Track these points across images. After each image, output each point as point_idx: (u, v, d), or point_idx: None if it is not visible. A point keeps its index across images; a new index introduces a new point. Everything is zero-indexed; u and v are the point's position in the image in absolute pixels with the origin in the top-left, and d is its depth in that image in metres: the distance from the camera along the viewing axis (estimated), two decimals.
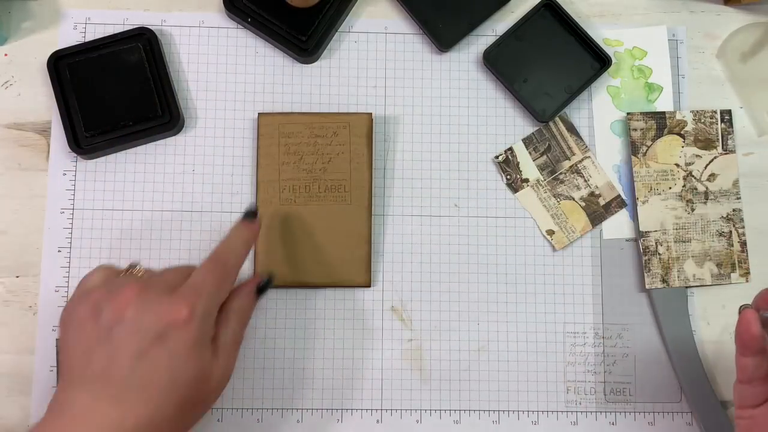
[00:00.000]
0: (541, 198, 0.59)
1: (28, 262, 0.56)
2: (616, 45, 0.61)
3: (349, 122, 0.57)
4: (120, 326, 0.42)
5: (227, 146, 0.58)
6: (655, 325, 0.58)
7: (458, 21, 0.59)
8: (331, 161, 0.57)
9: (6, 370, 0.55)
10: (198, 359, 0.43)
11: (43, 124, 0.58)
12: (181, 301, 0.43)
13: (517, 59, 0.59)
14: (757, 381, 0.43)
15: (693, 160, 0.59)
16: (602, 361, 0.57)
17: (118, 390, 0.41)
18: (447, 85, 0.60)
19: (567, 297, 0.58)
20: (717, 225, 0.58)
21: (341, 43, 0.60)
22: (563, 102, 0.59)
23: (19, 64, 0.58)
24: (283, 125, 0.57)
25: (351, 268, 0.56)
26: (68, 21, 0.59)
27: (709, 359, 0.58)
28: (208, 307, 0.44)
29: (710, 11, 0.62)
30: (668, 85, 0.60)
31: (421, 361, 0.57)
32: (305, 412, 0.56)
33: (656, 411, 0.57)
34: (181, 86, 0.59)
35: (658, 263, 0.58)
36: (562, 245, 0.58)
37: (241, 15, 0.58)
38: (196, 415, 0.45)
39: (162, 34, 0.59)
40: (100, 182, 0.57)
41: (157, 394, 0.41)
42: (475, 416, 0.56)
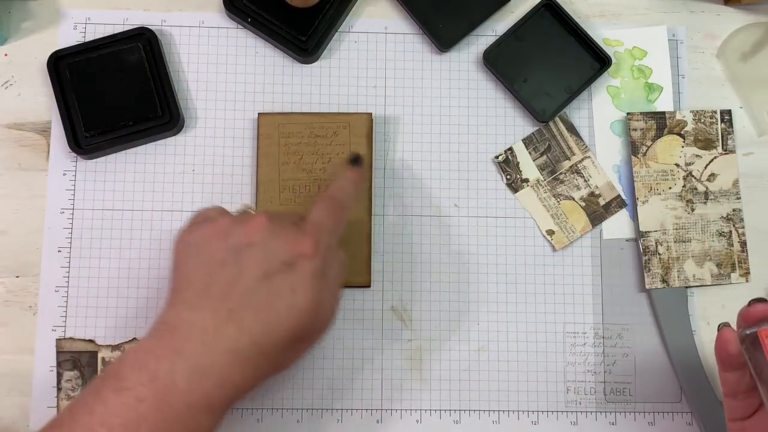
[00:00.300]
0: (541, 198, 0.59)
1: (28, 262, 0.56)
2: (616, 45, 0.61)
3: (349, 122, 0.57)
4: (249, 249, 0.43)
5: (227, 146, 0.58)
6: (655, 325, 0.58)
7: (458, 21, 0.59)
8: (332, 161, 0.57)
9: (6, 370, 0.55)
10: (317, 291, 0.43)
11: (43, 124, 0.58)
12: (307, 234, 0.44)
13: (517, 59, 0.59)
14: (742, 394, 0.43)
15: (693, 160, 0.59)
16: (602, 361, 0.57)
17: (238, 308, 0.42)
18: (447, 85, 0.60)
19: (567, 297, 0.58)
20: (717, 225, 0.58)
21: (341, 43, 0.60)
22: (563, 102, 0.59)
23: (19, 64, 0.58)
24: (283, 125, 0.57)
25: (351, 268, 0.56)
26: (68, 21, 0.59)
27: (709, 359, 0.58)
28: (329, 242, 0.46)
29: (710, 11, 0.62)
30: (668, 85, 0.60)
31: (421, 361, 0.57)
32: (305, 412, 0.56)
33: (656, 411, 0.57)
34: (181, 86, 0.59)
35: (658, 263, 0.58)
36: (562, 245, 0.58)
37: (241, 15, 0.58)
38: (302, 348, 0.45)
39: (162, 34, 0.59)
40: (100, 182, 0.57)
41: (274, 318, 0.42)
42: (475, 416, 0.56)
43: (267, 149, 0.57)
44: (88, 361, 0.55)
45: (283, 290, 0.42)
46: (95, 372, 0.55)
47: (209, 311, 0.42)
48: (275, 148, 0.57)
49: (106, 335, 0.56)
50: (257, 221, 0.44)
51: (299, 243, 0.44)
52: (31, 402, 0.54)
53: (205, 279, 0.43)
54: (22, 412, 0.54)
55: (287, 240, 0.44)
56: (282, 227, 0.44)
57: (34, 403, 0.54)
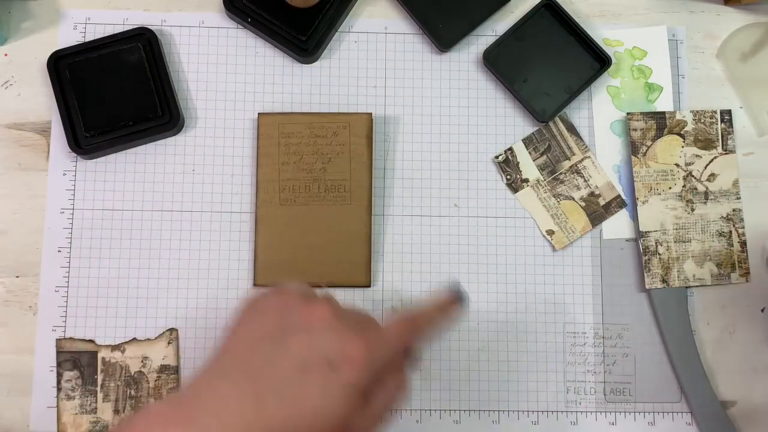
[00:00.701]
0: (541, 198, 0.59)
1: (28, 262, 0.56)
2: (616, 45, 0.61)
3: (349, 122, 0.57)
4: (299, 334, 0.40)
5: (227, 146, 0.58)
6: (655, 325, 0.58)
7: (458, 21, 0.59)
8: (331, 161, 0.57)
9: (6, 370, 0.55)
10: (348, 406, 0.40)
11: (43, 124, 0.58)
12: (364, 341, 0.40)
13: (517, 59, 0.59)
14: None
15: (693, 160, 0.59)
16: (602, 361, 0.57)
17: (265, 392, 0.39)
18: (447, 85, 0.60)
19: (567, 297, 0.58)
20: (717, 225, 0.58)
21: (341, 43, 0.60)
22: (563, 102, 0.59)
23: (19, 64, 0.58)
24: (283, 125, 0.57)
25: (351, 268, 0.56)
26: (68, 21, 0.59)
27: (709, 359, 0.58)
28: (383, 359, 0.42)
29: (710, 11, 0.62)
30: (668, 85, 0.60)
31: (421, 361, 0.57)
32: None
33: (656, 411, 0.57)
34: (181, 86, 0.59)
35: (658, 263, 0.58)
36: (562, 245, 0.58)
37: (241, 15, 0.58)
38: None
39: (162, 34, 0.59)
40: (100, 182, 0.57)
41: (297, 415, 0.39)
42: (475, 416, 0.56)
43: (267, 149, 0.57)
44: (88, 361, 0.55)
45: (315, 390, 0.39)
46: (95, 372, 0.55)
47: (237, 385, 0.39)
48: (275, 147, 0.57)
49: (106, 335, 0.56)
50: (319, 309, 0.41)
51: (353, 346, 0.40)
52: (31, 402, 0.54)
53: (248, 350, 0.40)
54: (22, 412, 0.54)
55: (340, 337, 0.40)
56: (343, 325, 0.41)
57: (34, 403, 0.54)
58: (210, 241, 0.57)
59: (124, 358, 0.55)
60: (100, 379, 0.55)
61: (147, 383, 0.55)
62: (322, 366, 0.39)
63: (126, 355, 0.55)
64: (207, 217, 0.57)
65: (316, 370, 0.39)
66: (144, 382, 0.55)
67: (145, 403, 0.54)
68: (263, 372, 0.39)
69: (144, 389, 0.55)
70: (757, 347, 0.58)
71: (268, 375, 0.39)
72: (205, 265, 0.57)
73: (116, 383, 0.54)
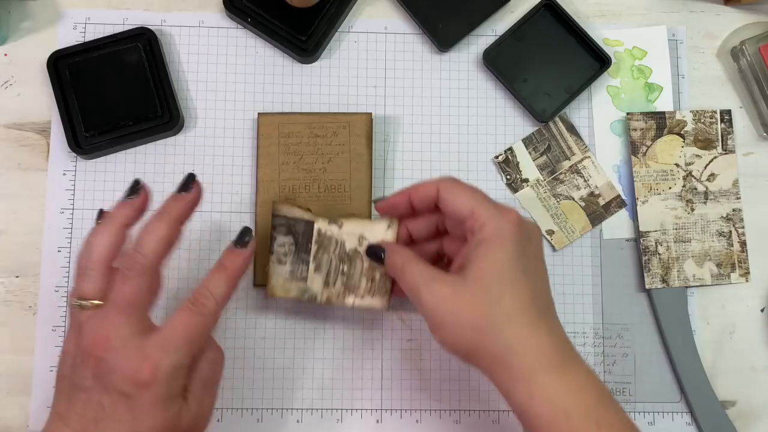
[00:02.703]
0: (541, 198, 0.59)
1: (28, 262, 0.56)
2: (616, 45, 0.61)
3: (348, 122, 0.57)
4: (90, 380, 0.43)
5: (227, 146, 0.58)
6: (655, 325, 0.58)
7: (458, 21, 0.59)
8: (331, 161, 0.57)
9: (6, 370, 0.55)
10: (162, 413, 0.43)
11: (43, 124, 0.58)
12: (149, 360, 0.42)
13: (517, 59, 0.59)
14: None
15: (693, 160, 0.59)
16: (602, 361, 0.57)
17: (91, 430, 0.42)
18: (447, 85, 0.60)
19: (567, 297, 0.58)
20: (717, 225, 0.58)
21: (341, 43, 0.60)
22: (563, 102, 0.59)
23: (19, 64, 0.58)
24: (283, 125, 0.57)
25: None
26: (68, 21, 0.59)
27: (708, 359, 0.58)
28: (176, 363, 0.43)
29: (710, 11, 0.62)
30: (668, 85, 0.60)
31: (420, 361, 0.57)
32: (305, 412, 0.56)
33: (656, 411, 0.57)
34: (181, 86, 0.59)
35: (658, 263, 0.58)
36: (561, 245, 0.58)
37: (241, 15, 0.58)
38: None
39: (162, 34, 0.59)
40: (100, 182, 0.57)
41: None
42: (475, 416, 0.56)
43: (267, 149, 0.57)
44: (304, 229, 0.52)
45: (125, 417, 0.42)
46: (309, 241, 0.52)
47: (70, 429, 0.42)
48: (275, 147, 0.57)
49: None
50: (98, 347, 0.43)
51: (138, 371, 0.42)
52: (30, 402, 0.55)
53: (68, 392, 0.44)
54: (22, 412, 0.54)
55: (124, 368, 0.42)
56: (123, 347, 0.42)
57: (34, 403, 0.54)
58: (210, 241, 0.57)
59: (340, 233, 0.52)
60: (313, 249, 0.52)
61: (362, 263, 0.52)
62: (120, 399, 0.42)
63: (343, 230, 0.52)
64: (207, 217, 0.57)
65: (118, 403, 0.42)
66: (358, 260, 0.52)
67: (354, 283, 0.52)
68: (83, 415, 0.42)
69: (357, 269, 0.52)
70: (757, 347, 0.58)
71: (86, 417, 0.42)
72: (205, 265, 0.57)
73: (329, 256, 0.52)
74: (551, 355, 0.42)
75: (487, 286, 0.43)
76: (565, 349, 0.43)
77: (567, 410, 0.41)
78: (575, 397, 0.41)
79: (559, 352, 0.42)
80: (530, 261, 0.44)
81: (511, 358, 0.42)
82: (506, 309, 0.42)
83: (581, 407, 0.41)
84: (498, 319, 0.42)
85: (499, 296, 0.43)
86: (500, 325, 0.42)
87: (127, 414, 0.42)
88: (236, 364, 0.56)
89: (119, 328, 0.43)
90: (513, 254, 0.43)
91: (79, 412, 0.43)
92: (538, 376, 0.41)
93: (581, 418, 0.41)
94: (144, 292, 0.44)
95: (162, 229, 0.45)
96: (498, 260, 0.43)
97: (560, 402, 0.41)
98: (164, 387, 0.42)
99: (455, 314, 0.43)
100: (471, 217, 0.45)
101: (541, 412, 0.41)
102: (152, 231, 0.45)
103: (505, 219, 0.45)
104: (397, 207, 0.50)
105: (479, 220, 0.45)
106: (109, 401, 0.42)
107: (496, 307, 0.42)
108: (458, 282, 0.44)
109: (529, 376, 0.42)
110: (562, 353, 0.43)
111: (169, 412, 0.43)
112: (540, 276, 0.45)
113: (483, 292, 0.43)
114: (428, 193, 0.48)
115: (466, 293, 0.43)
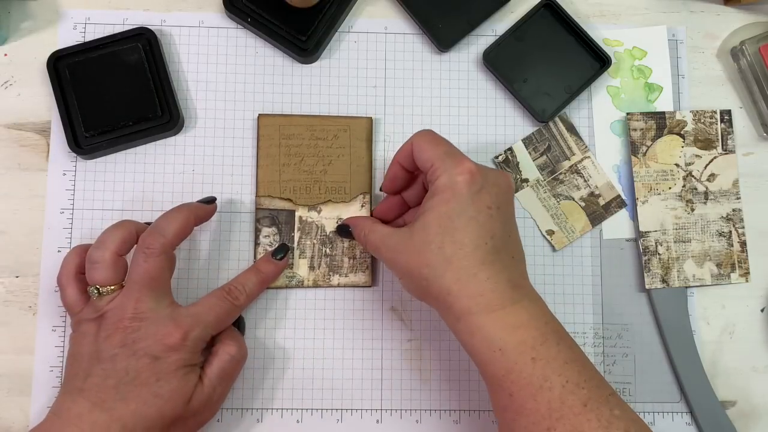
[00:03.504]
0: (541, 198, 0.59)
1: (28, 262, 0.56)
2: (616, 45, 0.61)
3: (349, 125, 0.57)
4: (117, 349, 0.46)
5: (227, 146, 0.58)
6: (655, 325, 0.58)
7: (458, 21, 0.59)
8: (332, 164, 0.57)
9: (6, 370, 0.55)
10: (182, 378, 0.47)
11: (43, 124, 0.58)
12: (178, 327, 0.47)
13: (517, 59, 0.59)
14: None
15: (693, 160, 0.59)
16: (602, 361, 0.57)
17: (109, 398, 0.46)
18: (447, 85, 0.60)
19: (567, 297, 0.58)
20: (717, 225, 0.58)
21: (341, 43, 0.60)
22: (563, 102, 0.59)
23: (18, 64, 0.58)
24: (283, 126, 0.57)
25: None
26: (68, 21, 0.59)
27: (709, 359, 0.58)
28: (203, 335, 0.48)
29: (710, 11, 0.62)
30: (668, 85, 0.60)
31: (420, 361, 0.57)
32: (305, 412, 0.56)
33: (656, 411, 0.57)
34: (181, 86, 0.59)
35: (658, 263, 0.58)
36: (562, 245, 0.58)
37: (241, 15, 0.58)
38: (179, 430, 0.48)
39: (162, 34, 0.59)
40: (100, 182, 0.57)
41: (142, 405, 0.46)
42: (475, 416, 0.56)
43: (267, 150, 0.57)
44: (286, 218, 0.56)
45: (149, 380, 0.46)
46: (292, 230, 0.56)
47: (87, 400, 0.46)
48: (276, 149, 0.57)
49: None
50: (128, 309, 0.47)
51: (167, 335, 0.47)
52: (30, 402, 0.55)
53: (83, 373, 0.47)
54: (22, 412, 0.54)
55: (156, 333, 0.47)
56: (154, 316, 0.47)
57: (34, 403, 0.54)
58: (210, 241, 0.57)
59: (320, 218, 0.56)
60: (296, 236, 0.56)
61: (342, 243, 0.56)
62: (147, 364, 0.46)
63: (322, 215, 0.56)
64: None
65: (142, 370, 0.46)
66: (339, 242, 0.56)
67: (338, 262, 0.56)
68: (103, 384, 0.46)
69: (338, 249, 0.56)
70: (757, 347, 0.58)
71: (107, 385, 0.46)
72: (204, 265, 0.57)
73: (312, 241, 0.56)
74: (489, 298, 0.44)
75: (430, 236, 0.45)
76: (507, 290, 0.45)
77: (503, 346, 0.44)
78: (511, 334, 0.44)
79: (499, 294, 0.44)
80: (479, 211, 0.45)
81: (451, 300, 0.45)
82: (446, 256, 0.45)
83: (517, 344, 0.44)
84: (439, 265, 0.45)
85: (439, 244, 0.45)
86: (441, 271, 0.45)
87: (152, 377, 0.46)
88: None
89: (145, 302, 0.47)
90: (459, 205, 0.45)
91: (97, 383, 0.46)
92: (476, 317, 0.44)
93: (516, 354, 0.43)
94: (165, 269, 0.49)
95: (182, 215, 0.50)
96: (443, 211, 0.45)
97: (496, 339, 0.44)
98: (189, 354, 0.47)
99: (406, 263, 0.46)
100: (430, 169, 0.47)
101: (480, 349, 0.44)
102: (171, 216, 0.50)
103: (457, 171, 0.46)
104: (397, 177, 0.52)
105: (435, 173, 0.47)
106: (135, 365, 0.46)
107: (437, 255, 0.45)
108: (406, 233, 0.47)
109: (468, 316, 0.44)
110: (501, 295, 0.44)
111: (188, 382, 0.47)
112: (489, 224, 0.46)
113: (426, 241, 0.45)
114: (408, 152, 0.50)
115: (412, 243, 0.46)
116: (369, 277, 0.56)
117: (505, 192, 0.47)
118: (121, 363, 0.46)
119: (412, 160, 0.49)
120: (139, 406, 0.46)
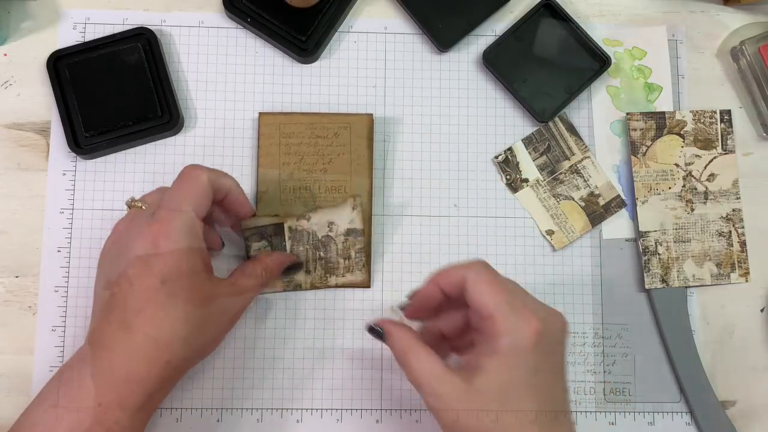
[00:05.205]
0: (541, 198, 0.59)
1: (28, 262, 0.56)
2: (616, 45, 0.61)
3: (350, 123, 0.57)
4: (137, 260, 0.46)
5: (227, 146, 0.58)
6: (655, 325, 0.58)
7: (458, 21, 0.59)
8: (332, 162, 0.57)
9: (6, 370, 0.55)
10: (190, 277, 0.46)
11: (43, 124, 0.58)
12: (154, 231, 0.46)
13: (517, 59, 0.59)
14: None
15: (692, 160, 0.59)
16: (602, 361, 0.57)
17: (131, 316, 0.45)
18: (447, 85, 0.60)
19: (567, 297, 0.58)
20: (717, 225, 0.58)
21: (341, 43, 0.60)
22: (563, 102, 0.59)
23: (18, 64, 0.58)
24: (284, 125, 0.57)
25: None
26: (68, 21, 0.59)
27: (709, 359, 0.58)
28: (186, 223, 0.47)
29: (710, 11, 0.62)
30: (668, 85, 0.61)
31: None
32: (305, 412, 0.56)
33: (656, 411, 0.57)
34: (181, 86, 0.59)
35: (658, 263, 0.58)
36: (561, 245, 0.58)
37: (241, 15, 0.58)
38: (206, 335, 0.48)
39: (162, 34, 0.59)
40: (100, 182, 0.57)
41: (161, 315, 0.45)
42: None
43: (268, 149, 0.57)
44: (275, 231, 0.55)
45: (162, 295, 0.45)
46: (283, 240, 0.55)
47: (108, 323, 0.46)
48: (276, 148, 0.57)
49: None
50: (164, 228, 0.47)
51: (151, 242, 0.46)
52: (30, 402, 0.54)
53: (105, 294, 0.47)
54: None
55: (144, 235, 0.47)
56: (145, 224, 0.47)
57: None
58: None
59: (310, 225, 0.55)
60: (288, 245, 0.55)
61: (335, 245, 0.55)
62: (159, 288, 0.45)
63: (312, 222, 0.55)
64: None
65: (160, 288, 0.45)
66: (332, 244, 0.55)
67: None
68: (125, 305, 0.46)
69: (333, 251, 0.55)
70: (757, 347, 0.58)
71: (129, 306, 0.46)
72: None
73: (305, 247, 0.55)
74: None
75: (488, 401, 0.43)
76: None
77: None
78: None
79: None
80: (545, 376, 0.44)
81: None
82: (505, 424, 0.43)
83: None
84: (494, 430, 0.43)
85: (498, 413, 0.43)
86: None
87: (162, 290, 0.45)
88: (236, 364, 0.56)
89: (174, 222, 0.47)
90: (525, 373, 0.43)
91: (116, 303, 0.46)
92: None
93: None
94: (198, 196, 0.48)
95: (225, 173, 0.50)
96: (505, 380, 0.43)
97: None
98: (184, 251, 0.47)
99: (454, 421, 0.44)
100: (489, 319, 0.43)
101: None
102: None
103: (524, 334, 0.43)
104: (429, 299, 0.48)
105: (497, 328, 0.43)
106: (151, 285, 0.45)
107: (494, 423, 0.43)
108: (461, 389, 0.43)
109: None
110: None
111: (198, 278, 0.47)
112: (552, 388, 0.44)
113: (483, 404, 0.43)
114: (456, 281, 0.46)
115: (467, 402, 0.43)
116: (366, 276, 0.56)
117: (563, 345, 0.46)
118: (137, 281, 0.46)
119: (458, 290, 0.45)
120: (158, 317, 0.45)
